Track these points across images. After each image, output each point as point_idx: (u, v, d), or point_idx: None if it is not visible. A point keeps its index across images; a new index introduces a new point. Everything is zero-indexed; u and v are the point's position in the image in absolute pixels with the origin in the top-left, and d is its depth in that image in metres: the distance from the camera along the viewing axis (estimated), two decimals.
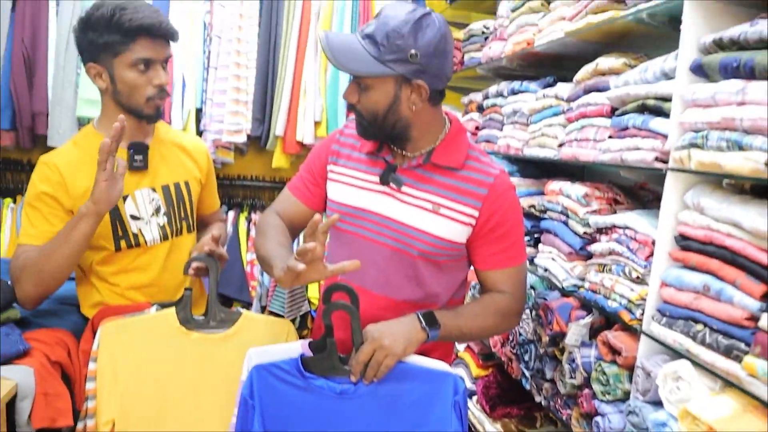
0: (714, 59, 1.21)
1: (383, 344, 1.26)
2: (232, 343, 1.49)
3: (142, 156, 1.64)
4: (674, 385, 1.22)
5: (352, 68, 1.30)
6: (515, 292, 1.47)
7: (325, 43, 1.30)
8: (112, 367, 1.42)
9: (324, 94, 2.99)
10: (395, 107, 1.34)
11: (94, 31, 1.51)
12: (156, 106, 1.61)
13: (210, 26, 2.93)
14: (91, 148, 1.59)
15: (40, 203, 1.55)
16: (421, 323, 1.32)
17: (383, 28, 1.27)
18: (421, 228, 1.41)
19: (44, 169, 1.56)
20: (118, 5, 1.50)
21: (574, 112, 1.79)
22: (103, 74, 1.56)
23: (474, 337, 1.70)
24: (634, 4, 1.53)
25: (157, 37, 1.55)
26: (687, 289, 1.25)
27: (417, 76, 1.31)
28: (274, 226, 1.52)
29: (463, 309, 1.44)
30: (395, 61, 1.28)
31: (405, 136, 1.40)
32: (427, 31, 1.28)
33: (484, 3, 2.95)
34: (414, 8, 1.30)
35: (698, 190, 1.27)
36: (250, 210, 3.23)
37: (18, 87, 2.69)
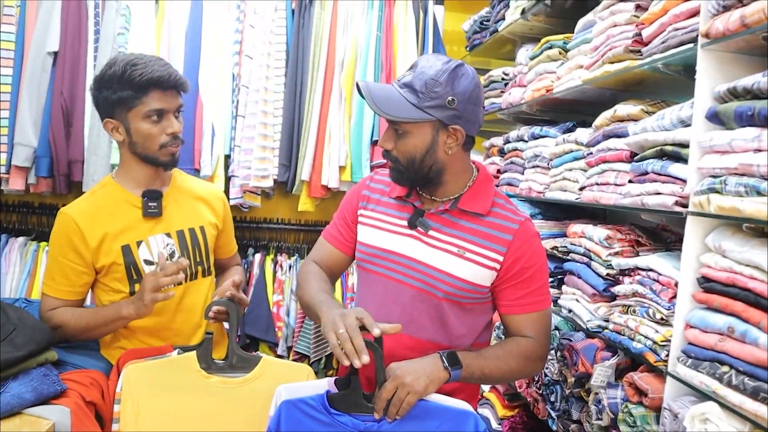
0: (729, 107, 1.26)
1: (405, 382, 1.28)
2: (251, 387, 1.50)
3: (156, 203, 1.70)
4: (702, 427, 1.23)
5: (394, 114, 1.36)
6: (539, 336, 1.48)
7: (366, 91, 1.37)
8: (134, 409, 1.45)
9: (348, 139, 3.07)
10: (432, 151, 1.41)
11: (108, 88, 1.60)
12: (170, 153, 1.68)
13: (238, 77, 3.05)
14: (107, 197, 1.69)
15: (62, 256, 1.63)
16: (443, 363, 1.34)
17: (422, 77, 1.35)
18: (447, 270, 1.45)
19: (63, 222, 1.64)
20: (129, 62, 1.59)
21: (594, 156, 1.84)
22: (119, 128, 1.64)
23: (496, 380, 1.72)
24: (650, 53, 1.59)
25: (167, 89, 1.62)
26: (711, 330, 1.27)
27: (453, 121, 1.38)
28: (314, 273, 1.58)
29: (486, 351, 1.46)
30: (434, 107, 1.35)
31: (438, 180, 1.46)
32: (462, 79, 1.36)
33: (502, 50, 3.04)
34: (448, 59, 1.38)
35: (719, 233, 1.30)
36: (276, 252, 3.29)
37: (56, 136, 2.80)
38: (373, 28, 3.10)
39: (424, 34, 3.22)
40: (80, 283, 1.65)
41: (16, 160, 2.79)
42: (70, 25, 2.83)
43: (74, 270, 1.63)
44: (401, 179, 1.47)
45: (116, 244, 1.64)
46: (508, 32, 2.69)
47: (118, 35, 2.86)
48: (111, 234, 1.64)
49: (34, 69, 2.79)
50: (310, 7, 3.10)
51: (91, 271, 1.65)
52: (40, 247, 2.99)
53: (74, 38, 2.84)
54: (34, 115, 2.80)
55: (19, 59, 2.81)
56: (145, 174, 1.70)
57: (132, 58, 1.60)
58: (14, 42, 2.80)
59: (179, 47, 2.97)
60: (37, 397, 1.39)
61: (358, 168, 3.05)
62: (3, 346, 1.40)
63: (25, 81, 2.79)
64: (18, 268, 2.96)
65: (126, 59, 1.60)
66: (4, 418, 1.33)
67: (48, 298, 1.65)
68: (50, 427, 1.35)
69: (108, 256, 1.64)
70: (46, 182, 2.90)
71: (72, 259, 1.62)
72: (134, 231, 1.67)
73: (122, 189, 1.70)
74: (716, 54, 1.35)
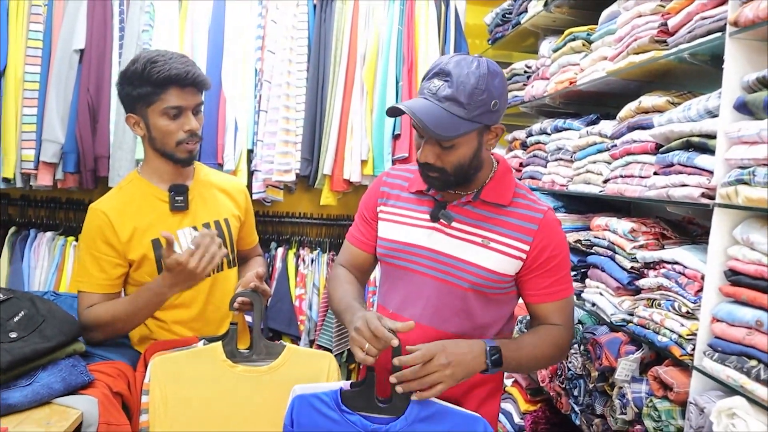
0: (758, 97, 1.23)
1: (446, 371, 1.28)
2: (276, 375, 1.53)
3: (183, 197, 1.73)
4: (729, 422, 1.21)
5: (450, 134, 1.34)
6: (567, 324, 1.50)
7: (411, 113, 1.33)
8: (162, 399, 1.47)
9: (370, 133, 3.07)
10: (478, 154, 1.42)
11: (130, 84, 1.63)
12: (188, 150, 1.69)
13: (261, 72, 3.07)
14: (135, 192, 1.72)
15: (95, 250, 1.65)
16: (486, 359, 1.35)
17: (464, 88, 1.32)
18: (472, 261, 1.45)
19: (94, 216, 1.66)
20: (150, 59, 1.61)
21: (618, 149, 1.82)
22: (140, 123, 1.67)
23: (528, 370, 1.72)
24: (676, 43, 1.56)
25: (186, 86, 1.63)
26: (739, 324, 1.26)
27: (496, 121, 1.39)
28: (340, 278, 1.62)
29: (522, 341, 1.47)
30: (481, 114, 1.34)
31: (474, 177, 1.47)
32: (496, 79, 1.36)
33: (524, 43, 3.02)
34: (476, 61, 1.35)
35: (747, 225, 1.28)
36: (299, 246, 3.31)
37: (83, 132, 2.85)
38: (395, 22, 3.10)
39: (446, 27, 3.20)
40: (116, 275, 1.67)
41: (44, 156, 2.85)
42: (96, 23, 2.87)
43: (110, 262, 1.65)
44: (445, 185, 1.46)
45: (146, 238, 1.67)
46: (530, 24, 2.66)
47: (142, 32, 2.90)
48: (140, 228, 1.67)
49: (61, 66, 2.84)
50: (331, 1, 3.10)
51: (125, 263, 1.67)
52: (67, 241, 3.04)
53: (100, 36, 2.88)
54: (61, 111, 2.85)
55: (47, 57, 2.86)
56: (168, 169, 1.73)
57: (154, 55, 1.62)
58: (42, 40, 2.85)
59: (202, 44, 3.00)
60: (66, 388, 1.41)
61: (380, 162, 3.05)
62: (33, 337, 1.43)
63: (52, 78, 2.84)
64: (46, 262, 3.02)
65: (148, 56, 1.62)
66: (34, 407, 1.35)
67: (85, 295, 1.66)
68: (78, 417, 1.37)
69: (138, 250, 1.66)
70: (73, 178, 2.95)
71: (106, 252, 1.65)
72: (162, 225, 1.69)
73: (149, 184, 1.73)
74: (745, 43, 1.33)
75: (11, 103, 2.83)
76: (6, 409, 1.31)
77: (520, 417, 2.40)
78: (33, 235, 3.06)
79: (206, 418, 1.50)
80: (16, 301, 1.52)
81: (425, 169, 1.43)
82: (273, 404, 1.50)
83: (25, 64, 2.83)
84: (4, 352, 1.34)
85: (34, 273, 2.99)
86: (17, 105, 2.84)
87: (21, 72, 2.83)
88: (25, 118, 2.84)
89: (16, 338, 1.40)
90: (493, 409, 1.58)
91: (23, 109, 2.84)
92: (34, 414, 1.34)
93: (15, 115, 2.84)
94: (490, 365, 1.35)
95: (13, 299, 1.52)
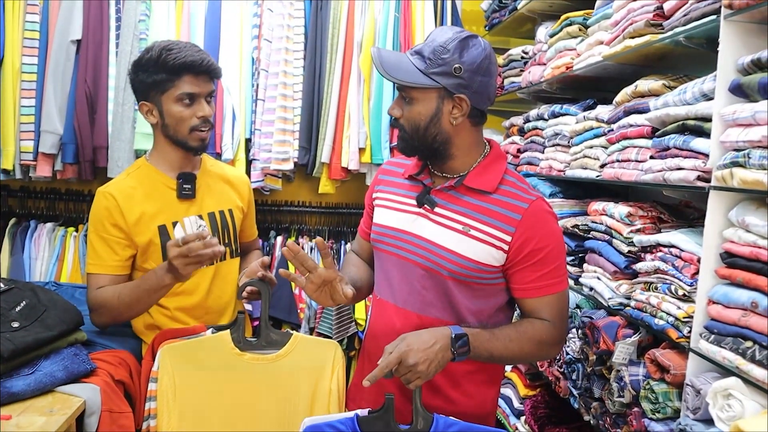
0: (753, 79, 1.24)
1: (418, 369, 1.27)
2: (283, 362, 1.56)
3: (191, 185, 1.76)
4: (725, 403, 1.23)
5: (399, 78, 1.37)
6: (555, 320, 1.44)
7: (377, 56, 1.39)
8: (171, 386, 1.49)
9: (368, 121, 3.07)
10: (437, 120, 1.39)
11: (145, 71, 1.65)
12: (200, 138, 1.72)
13: (258, 61, 3.06)
14: (143, 178, 1.74)
15: (104, 232, 1.67)
16: (452, 346, 1.32)
17: (431, 45, 1.36)
18: (451, 248, 1.42)
19: (102, 199, 1.69)
20: (165, 47, 1.64)
21: (615, 133, 1.82)
22: (153, 111, 1.70)
23: (506, 361, 1.69)
24: (671, 27, 1.56)
25: (199, 74, 1.67)
26: (734, 305, 1.26)
27: (459, 90, 1.36)
28: (347, 261, 1.73)
29: (499, 331, 1.41)
30: (440, 74, 1.35)
31: (444, 153, 1.44)
32: (472, 49, 1.36)
33: (521, 28, 3.01)
34: (462, 30, 1.39)
35: (742, 207, 1.29)
36: (298, 234, 3.32)
37: (81, 123, 2.85)
38: (392, 9, 3.08)
39: (443, 14, 3.19)
40: (126, 256, 1.69)
41: (43, 147, 2.85)
42: (92, 13, 2.86)
43: (119, 243, 1.67)
44: (407, 148, 1.46)
45: (153, 224, 1.69)
46: (527, 10, 2.65)
47: (139, 22, 2.89)
48: (148, 213, 1.69)
49: (59, 57, 2.83)
50: None
51: (133, 245, 1.69)
52: (67, 232, 3.05)
53: (96, 26, 2.87)
54: (59, 102, 2.85)
55: (44, 48, 2.86)
56: (177, 157, 1.75)
57: (168, 44, 1.65)
58: (39, 31, 2.85)
59: (199, 33, 2.99)
60: (68, 376, 1.43)
61: (378, 150, 3.05)
62: (35, 326, 1.45)
63: (49, 69, 2.84)
64: (47, 253, 3.03)
65: (162, 44, 1.65)
66: (37, 395, 1.38)
67: (94, 277, 1.68)
68: (81, 405, 1.39)
69: (145, 235, 1.68)
70: (72, 168, 2.96)
71: (115, 234, 1.67)
72: (169, 212, 1.73)
73: (157, 171, 1.75)
74: (740, 25, 1.32)
75: (9, 95, 2.83)
76: (9, 398, 1.33)
77: (519, 402, 2.42)
78: (33, 227, 3.07)
79: (214, 405, 1.53)
80: (18, 291, 1.53)
81: (393, 124, 1.48)
82: (280, 391, 1.53)
83: (23, 55, 2.83)
84: (7, 342, 1.35)
85: (35, 264, 3.00)
86: (15, 96, 2.84)
87: (18, 63, 2.83)
88: (24, 109, 2.84)
89: (18, 327, 1.42)
90: (493, 392, 1.58)
91: (21, 101, 2.84)
92: (37, 402, 1.36)
93: (13, 107, 2.84)
94: (455, 354, 1.32)
95: (15, 289, 1.53)
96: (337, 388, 1.56)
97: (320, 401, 1.56)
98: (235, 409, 1.54)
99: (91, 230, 1.70)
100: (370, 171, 3.14)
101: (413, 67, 1.36)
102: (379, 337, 1.51)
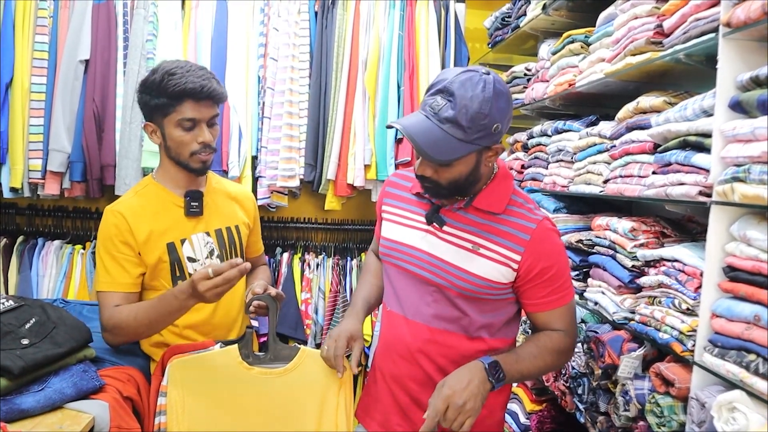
0: (752, 96, 1.25)
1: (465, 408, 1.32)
2: (291, 376, 1.57)
3: (198, 203, 1.78)
4: (730, 416, 1.23)
5: (446, 158, 1.33)
6: (568, 328, 1.52)
7: (409, 136, 1.32)
8: (180, 400, 1.51)
9: (373, 138, 3.10)
10: (475, 171, 1.42)
11: (149, 94, 1.67)
12: (201, 161, 1.73)
13: (264, 79, 3.10)
14: (151, 196, 1.76)
15: (114, 250, 1.67)
16: (488, 377, 1.38)
17: (466, 112, 1.29)
18: (460, 266, 1.46)
19: (111, 217, 1.69)
20: (168, 71, 1.64)
21: (617, 149, 1.84)
22: (157, 132, 1.72)
23: (533, 377, 1.74)
24: (671, 44, 1.59)
25: (200, 100, 1.66)
26: (738, 319, 1.27)
27: (496, 141, 1.38)
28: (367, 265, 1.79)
29: (521, 351, 1.48)
30: (481, 137, 1.33)
31: (470, 189, 1.47)
32: (500, 102, 1.33)
33: (524, 46, 3.04)
34: (482, 82, 1.31)
35: (744, 222, 1.30)
36: (304, 251, 3.34)
37: (89, 142, 2.88)
38: (395, 28, 3.13)
39: (446, 32, 3.23)
40: (136, 273, 1.69)
41: (51, 165, 2.88)
42: (100, 33, 2.91)
43: (130, 261, 1.68)
44: (440, 196, 1.48)
45: (162, 242, 1.71)
46: (529, 28, 2.69)
47: (146, 42, 2.93)
48: (156, 232, 1.70)
49: (67, 77, 2.87)
50: (332, 8, 3.13)
51: (143, 263, 1.70)
52: (75, 249, 3.08)
53: (104, 46, 2.92)
54: (67, 121, 2.89)
55: (53, 68, 2.90)
56: (183, 176, 1.77)
57: (172, 67, 1.65)
58: (48, 51, 2.89)
59: (205, 52, 3.04)
60: (77, 393, 1.44)
61: (384, 166, 3.07)
62: (44, 343, 1.46)
63: (58, 89, 2.88)
64: (54, 270, 3.05)
65: (166, 68, 1.65)
66: (46, 412, 1.38)
67: (107, 295, 1.66)
68: (90, 421, 1.39)
69: (154, 253, 1.70)
70: (80, 186, 2.99)
71: (125, 252, 1.67)
72: (177, 229, 1.74)
73: (164, 189, 1.77)
74: (738, 43, 1.34)
75: (18, 114, 2.87)
76: (19, 414, 1.34)
77: (525, 417, 2.41)
78: (41, 244, 3.09)
79: (223, 419, 1.54)
80: (28, 308, 1.54)
81: (421, 180, 1.45)
82: (288, 405, 1.55)
83: (32, 75, 2.87)
84: (17, 358, 1.36)
85: (42, 281, 3.02)
86: (24, 115, 2.88)
87: (28, 83, 2.87)
88: (32, 128, 2.88)
89: (28, 344, 1.43)
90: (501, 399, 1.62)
91: (30, 120, 2.88)
92: (46, 419, 1.36)
93: (22, 126, 2.88)
94: (494, 382, 1.38)
95: (25, 306, 1.54)
96: (344, 402, 1.57)
97: (328, 415, 1.58)
98: (243, 422, 1.55)
99: (101, 249, 1.70)
100: (376, 187, 3.17)
101: (452, 138, 1.31)
102: (390, 349, 1.57)
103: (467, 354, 1.48)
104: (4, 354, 1.36)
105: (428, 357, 1.53)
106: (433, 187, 1.44)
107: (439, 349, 1.51)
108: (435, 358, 1.52)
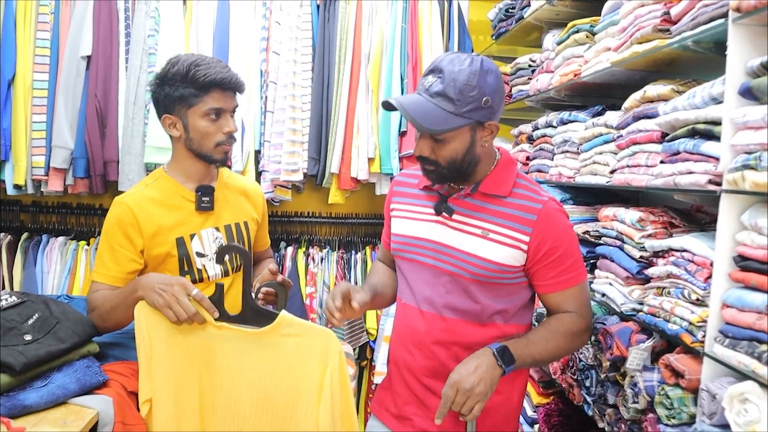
0: (762, 82, 1.23)
1: (475, 391, 1.34)
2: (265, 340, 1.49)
3: (209, 198, 1.77)
4: (741, 407, 1.21)
5: (436, 128, 1.39)
6: (580, 309, 1.53)
7: (401, 107, 1.40)
8: (146, 345, 1.49)
9: (376, 131, 3.08)
10: (471, 150, 1.45)
11: (171, 85, 1.66)
12: (224, 152, 1.74)
13: (266, 73, 3.09)
14: (162, 189, 1.75)
15: (114, 242, 1.67)
16: (497, 361, 1.39)
17: (454, 84, 1.37)
18: (472, 252, 1.49)
19: (118, 209, 1.69)
20: (193, 62, 1.64)
21: (624, 139, 1.82)
22: (177, 124, 1.70)
23: (547, 361, 1.72)
24: (679, 32, 1.56)
25: (227, 90, 1.68)
26: (749, 309, 1.25)
27: (489, 118, 1.42)
28: (373, 268, 1.82)
29: (532, 336, 1.50)
30: (472, 110, 1.39)
31: (473, 172, 1.50)
32: (488, 77, 1.39)
33: (528, 37, 3.02)
34: (469, 59, 1.40)
35: (755, 210, 1.28)
36: (308, 245, 3.33)
37: (91, 138, 2.88)
38: (398, 20, 3.11)
39: (449, 24, 3.21)
40: (129, 270, 1.68)
41: (54, 162, 2.89)
42: (102, 29, 2.90)
43: (125, 256, 1.67)
44: (441, 179, 1.51)
45: (171, 236, 1.70)
46: (534, 18, 2.66)
47: (148, 37, 2.92)
48: (166, 225, 1.70)
49: (69, 73, 2.87)
50: (335, 1, 3.11)
51: (140, 260, 1.69)
52: (79, 246, 3.08)
53: (106, 42, 2.91)
54: (70, 117, 2.89)
55: (55, 64, 2.90)
56: (197, 169, 1.76)
57: (195, 59, 1.66)
58: (49, 48, 2.89)
59: (207, 47, 3.03)
60: (81, 388, 1.44)
61: (387, 159, 3.06)
62: (47, 339, 1.45)
63: (60, 85, 2.88)
64: (59, 266, 3.06)
65: (189, 59, 1.66)
66: (50, 407, 1.38)
67: (95, 284, 1.69)
68: (94, 416, 1.39)
69: (163, 247, 1.69)
70: (83, 183, 2.99)
71: (124, 246, 1.67)
72: (187, 224, 1.74)
73: (175, 182, 1.76)
74: (748, 28, 1.32)
75: (21, 111, 2.87)
76: (23, 410, 1.34)
77: (533, 410, 2.40)
78: (45, 241, 3.10)
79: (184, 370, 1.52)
80: (30, 304, 1.54)
81: (421, 162, 1.49)
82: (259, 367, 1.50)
83: (34, 72, 2.87)
84: (19, 354, 1.36)
85: (47, 278, 3.03)
86: (27, 112, 2.88)
87: (30, 80, 2.87)
88: (35, 125, 2.88)
89: (31, 340, 1.43)
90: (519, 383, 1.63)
91: (33, 116, 2.88)
92: (50, 414, 1.37)
93: (25, 123, 2.88)
94: (504, 366, 1.39)
95: (28, 302, 1.54)
96: (331, 383, 1.48)
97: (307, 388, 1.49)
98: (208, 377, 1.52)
99: (103, 237, 1.70)
100: (380, 181, 3.16)
101: (442, 111, 1.38)
102: (405, 339, 1.59)
103: (481, 341, 1.49)
104: (6, 350, 1.35)
105: (443, 346, 1.54)
106: (434, 169, 1.47)
107: (454, 337, 1.53)
108: (449, 346, 1.54)
